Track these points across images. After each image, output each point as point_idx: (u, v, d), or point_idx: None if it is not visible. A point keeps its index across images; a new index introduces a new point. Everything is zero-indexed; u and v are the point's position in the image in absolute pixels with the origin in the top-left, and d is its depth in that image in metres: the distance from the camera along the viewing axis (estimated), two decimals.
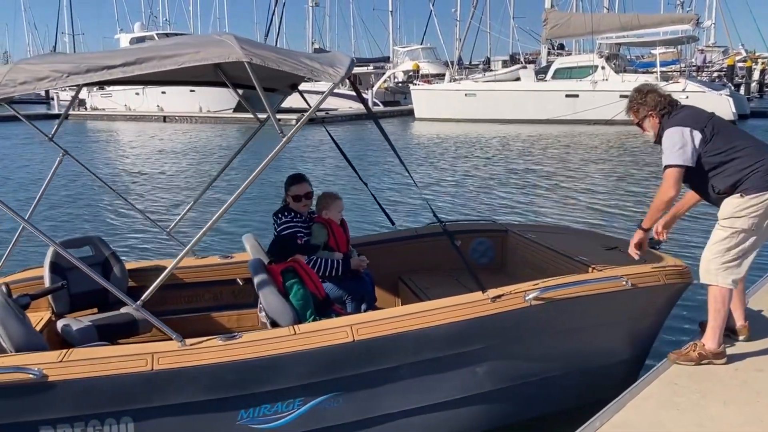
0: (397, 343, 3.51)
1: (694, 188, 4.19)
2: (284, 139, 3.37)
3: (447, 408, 3.79)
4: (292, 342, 3.38)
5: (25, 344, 3.39)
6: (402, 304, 5.15)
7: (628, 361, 4.32)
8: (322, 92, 3.53)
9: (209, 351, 3.29)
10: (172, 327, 3.38)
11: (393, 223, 5.32)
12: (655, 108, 4.09)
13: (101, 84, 3.85)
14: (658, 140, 4.09)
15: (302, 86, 4.82)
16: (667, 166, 3.93)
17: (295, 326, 3.52)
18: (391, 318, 3.55)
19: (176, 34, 37.90)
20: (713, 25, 42.73)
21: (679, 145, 3.87)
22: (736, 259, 3.91)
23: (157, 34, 38.49)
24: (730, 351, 4.08)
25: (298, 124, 3.43)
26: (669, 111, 4.07)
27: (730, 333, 4.25)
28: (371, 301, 4.67)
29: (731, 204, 3.88)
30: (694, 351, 4.01)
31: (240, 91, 4.92)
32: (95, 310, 4.55)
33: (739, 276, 3.98)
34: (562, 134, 23.88)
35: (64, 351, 3.26)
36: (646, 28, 28.47)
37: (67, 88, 4.05)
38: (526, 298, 3.69)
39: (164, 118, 34.64)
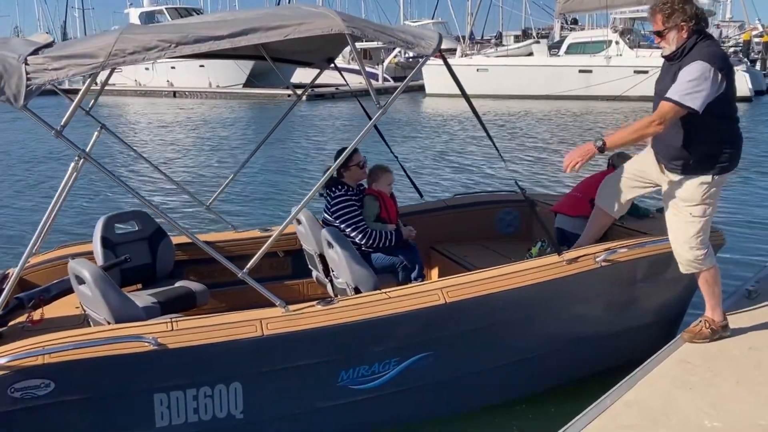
0: (485, 305, 3.71)
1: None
2: (380, 111, 3.50)
3: (525, 365, 4.03)
4: (387, 306, 3.53)
5: (127, 316, 3.43)
6: (440, 273, 5.32)
7: (671, 319, 4.64)
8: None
9: (312, 316, 3.42)
10: (217, 299, 3.40)
11: (421, 195, 5.42)
12: (691, 20, 3.58)
13: (198, 56, 3.89)
14: (673, 56, 3.66)
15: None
16: (672, 101, 3.49)
17: (388, 291, 3.69)
18: (478, 281, 3.76)
19: (186, 9, 37.62)
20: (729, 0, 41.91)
21: (700, 87, 3.45)
22: (705, 238, 3.86)
23: (166, 8, 38.08)
24: (744, 331, 4.12)
25: (394, 95, 3.57)
26: (699, 30, 3.62)
27: None
28: (421, 269, 4.74)
29: (698, 188, 3.74)
30: (706, 327, 4.01)
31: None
32: (140, 285, 4.56)
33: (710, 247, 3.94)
34: (576, 110, 23.65)
35: (170, 320, 3.32)
36: None
37: None
38: (597, 259, 4.00)
39: (174, 94, 34.52)
